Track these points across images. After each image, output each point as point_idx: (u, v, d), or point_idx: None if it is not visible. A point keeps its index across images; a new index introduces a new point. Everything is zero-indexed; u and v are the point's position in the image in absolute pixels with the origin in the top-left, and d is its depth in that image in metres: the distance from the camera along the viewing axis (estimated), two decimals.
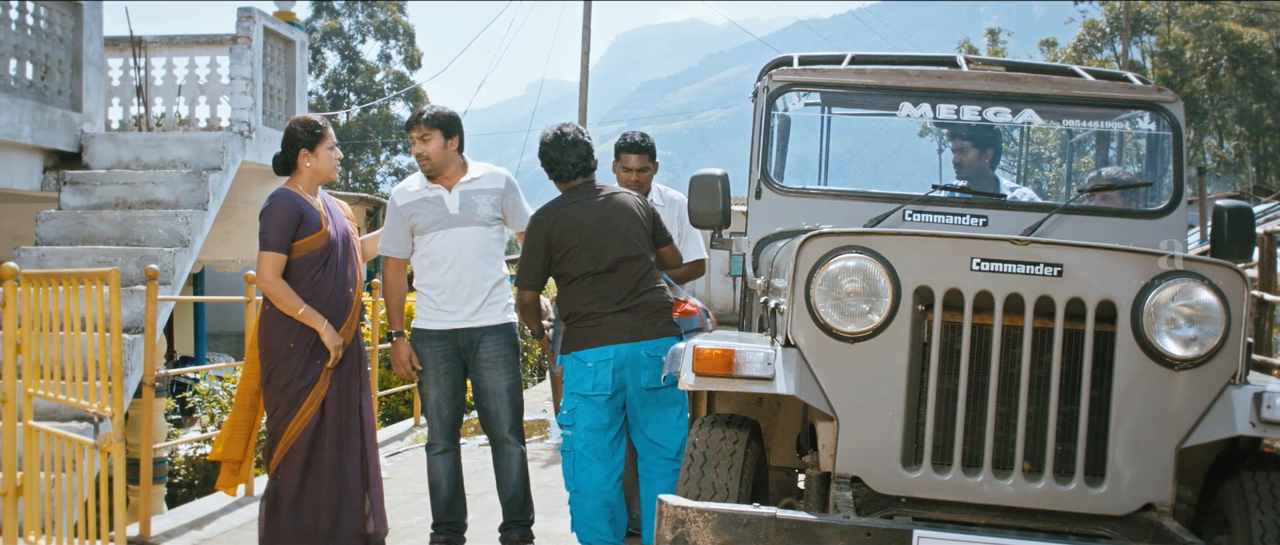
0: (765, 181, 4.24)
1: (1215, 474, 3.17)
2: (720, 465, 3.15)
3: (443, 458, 4.90)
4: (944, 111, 4.25)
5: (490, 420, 4.84)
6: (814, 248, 3.05)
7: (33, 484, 4.74)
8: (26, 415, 4.79)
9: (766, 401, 3.64)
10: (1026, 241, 2.97)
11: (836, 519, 2.78)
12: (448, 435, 4.89)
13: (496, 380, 4.79)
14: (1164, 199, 4.16)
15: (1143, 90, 4.26)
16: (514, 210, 4.89)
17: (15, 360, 4.75)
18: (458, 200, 4.80)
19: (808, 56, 4.73)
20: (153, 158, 9.82)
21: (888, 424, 2.98)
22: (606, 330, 4.29)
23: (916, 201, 4.12)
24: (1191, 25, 31.97)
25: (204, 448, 10.06)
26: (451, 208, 4.79)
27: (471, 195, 4.80)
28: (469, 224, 4.79)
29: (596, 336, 4.30)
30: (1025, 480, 2.96)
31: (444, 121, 4.78)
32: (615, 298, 4.31)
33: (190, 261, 9.06)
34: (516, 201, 4.90)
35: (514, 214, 4.89)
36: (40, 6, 9.33)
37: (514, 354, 4.86)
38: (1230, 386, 2.93)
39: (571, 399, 4.35)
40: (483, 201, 4.81)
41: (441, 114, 4.81)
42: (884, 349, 2.99)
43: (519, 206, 4.89)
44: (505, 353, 4.81)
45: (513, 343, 4.86)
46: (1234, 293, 2.92)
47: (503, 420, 4.82)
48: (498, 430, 4.84)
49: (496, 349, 4.79)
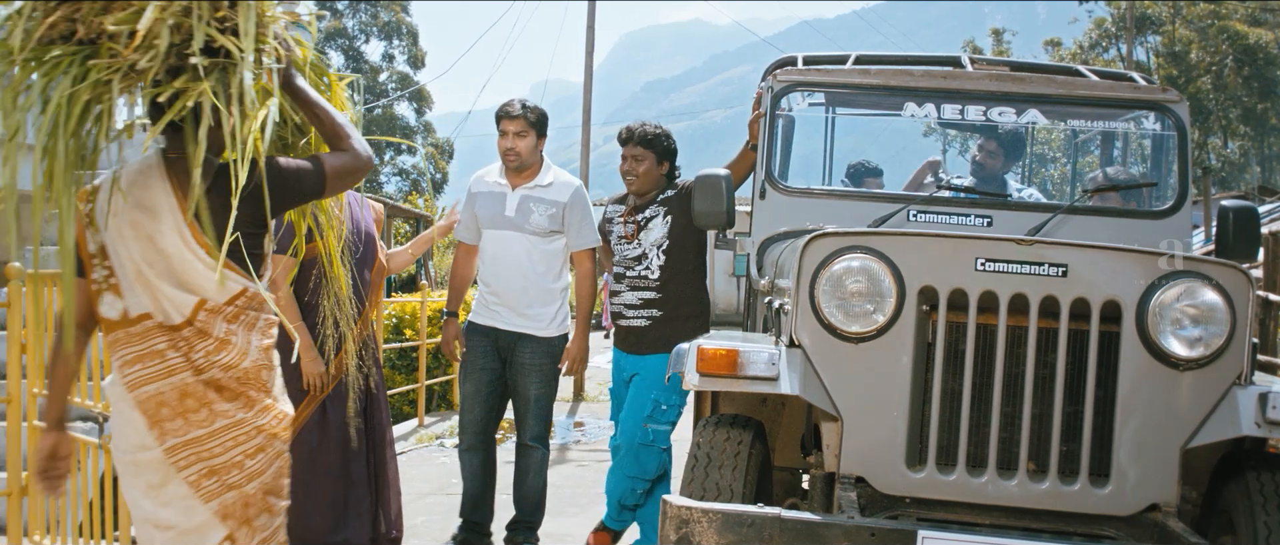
0: (770, 181, 4.24)
1: (1220, 475, 3.16)
2: (724, 465, 3.15)
3: (469, 455, 4.91)
4: (948, 112, 4.25)
5: (517, 422, 4.88)
6: (818, 248, 3.05)
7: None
8: (32, 415, 4.80)
9: (771, 402, 3.64)
10: (1031, 242, 2.97)
11: (841, 519, 2.78)
12: (475, 432, 4.88)
13: (526, 387, 4.79)
14: (1169, 199, 4.15)
15: (1147, 90, 4.26)
16: (571, 226, 4.77)
17: (21, 360, 4.77)
18: (516, 203, 4.75)
19: (812, 56, 4.72)
20: None
21: (892, 424, 2.98)
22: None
23: (921, 202, 4.11)
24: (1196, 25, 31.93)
25: None
26: (508, 209, 4.75)
27: (530, 202, 4.74)
28: (519, 230, 4.73)
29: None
30: (1030, 481, 2.95)
31: (539, 120, 4.75)
32: None
33: None
34: (576, 217, 4.77)
35: (571, 230, 4.78)
36: None
37: (550, 365, 4.81)
38: (1235, 387, 2.93)
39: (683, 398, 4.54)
40: (539, 211, 4.73)
41: (540, 112, 4.76)
42: (888, 349, 2.99)
43: (577, 223, 4.78)
44: (539, 362, 4.78)
45: (550, 354, 4.80)
46: (1239, 293, 2.92)
47: (527, 425, 4.84)
48: (521, 434, 4.87)
49: (531, 358, 4.77)
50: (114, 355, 2.65)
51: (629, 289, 4.80)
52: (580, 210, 4.79)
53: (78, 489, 4.69)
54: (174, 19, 2.38)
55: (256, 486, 2.69)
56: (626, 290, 4.81)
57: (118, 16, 2.36)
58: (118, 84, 2.41)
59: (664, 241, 4.71)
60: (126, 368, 2.63)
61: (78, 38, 2.40)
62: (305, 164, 2.73)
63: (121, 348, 2.64)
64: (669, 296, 4.69)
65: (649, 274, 4.74)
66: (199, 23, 2.37)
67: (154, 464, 2.63)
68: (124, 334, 2.63)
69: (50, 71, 2.42)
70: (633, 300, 4.79)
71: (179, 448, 2.61)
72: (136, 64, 2.38)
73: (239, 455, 2.67)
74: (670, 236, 4.71)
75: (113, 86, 2.42)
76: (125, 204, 2.61)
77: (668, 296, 4.70)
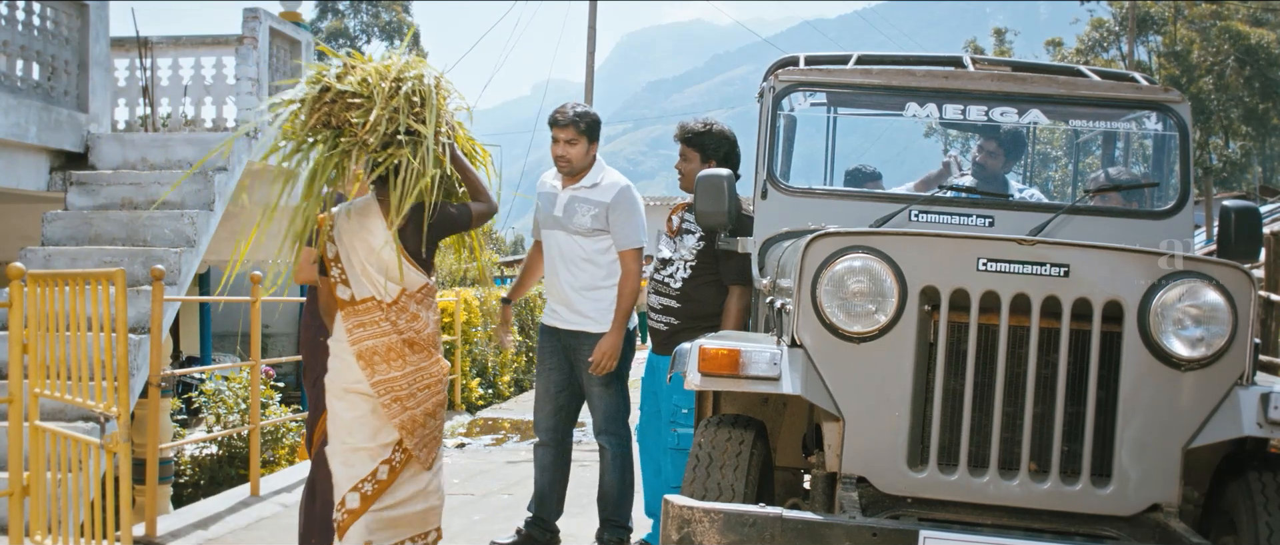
0: (771, 181, 4.23)
1: (1222, 475, 3.16)
2: (726, 465, 3.14)
3: (539, 451, 5.05)
4: (950, 112, 4.25)
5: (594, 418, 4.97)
6: (820, 248, 3.05)
7: (39, 484, 4.75)
8: (33, 415, 4.80)
9: (772, 402, 3.64)
10: (1033, 242, 2.97)
11: (842, 519, 2.78)
12: (544, 430, 5.00)
13: (590, 383, 4.89)
14: (1171, 199, 4.15)
15: (1149, 90, 4.25)
16: (614, 226, 4.79)
17: (22, 360, 4.77)
18: (565, 203, 4.82)
19: (814, 56, 4.72)
20: (159, 158, 9.84)
21: (894, 424, 2.98)
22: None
23: (923, 202, 4.11)
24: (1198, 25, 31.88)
25: (210, 448, 10.08)
26: (557, 209, 4.83)
27: (577, 202, 4.80)
28: (566, 229, 4.81)
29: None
30: (1031, 481, 2.95)
31: (590, 126, 4.79)
32: None
33: (196, 262, 9.07)
34: (619, 218, 4.78)
35: (614, 229, 4.79)
36: (46, 7, 9.36)
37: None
38: (1237, 387, 2.93)
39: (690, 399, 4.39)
40: (583, 211, 4.78)
41: (590, 118, 4.80)
42: (890, 349, 2.99)
43: (619, 223, 4.78)
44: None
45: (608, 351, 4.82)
46: (1241, 293, 2.92)
47: (595, 421, 4.94)
48: (596, 429, 4.94)
49: (589, 356, 4.82)
50: (345, 323, 3.90)
51: (654, 292, 4.83)
52: (623, 211, 4.79)
53: (78, 489, 4.69)
54: (389, 114, 3.72)
55: (422, 411, 3.91)
56: (652, 293, 4.84)
57: (356, 113, 3.72)
58: (355, 153, 3.77)
59: (692, 259, 4.71)
60: (353, 330, 3.88)
61: (330, 125, 3.78)
62: (460, 208, 4.05)
63: (349, 319, 3.90)
64: (686, 309, 4.69)
65: (671, 283, 4.74)
66: (403, 117, 3.75)
67: (364, 394, 3.85)
68: (351, 309, 3.91)
69: (314, 145, 3.83)
70: (655, 304, 4.82)
71: (380, 383, 3.84)
72: (366, 141, 3.70)
73: (416, 389, 3.90)
74: (698, 257, 4.69)
75: (351, 155, 3.79)
76: (352, 225, 3.90)
77: (685, 308, 4.69)
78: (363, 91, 3.76)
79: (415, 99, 3.81)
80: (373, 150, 3.74)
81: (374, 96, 3.74)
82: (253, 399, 6.75)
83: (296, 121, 3.83)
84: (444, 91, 3.95)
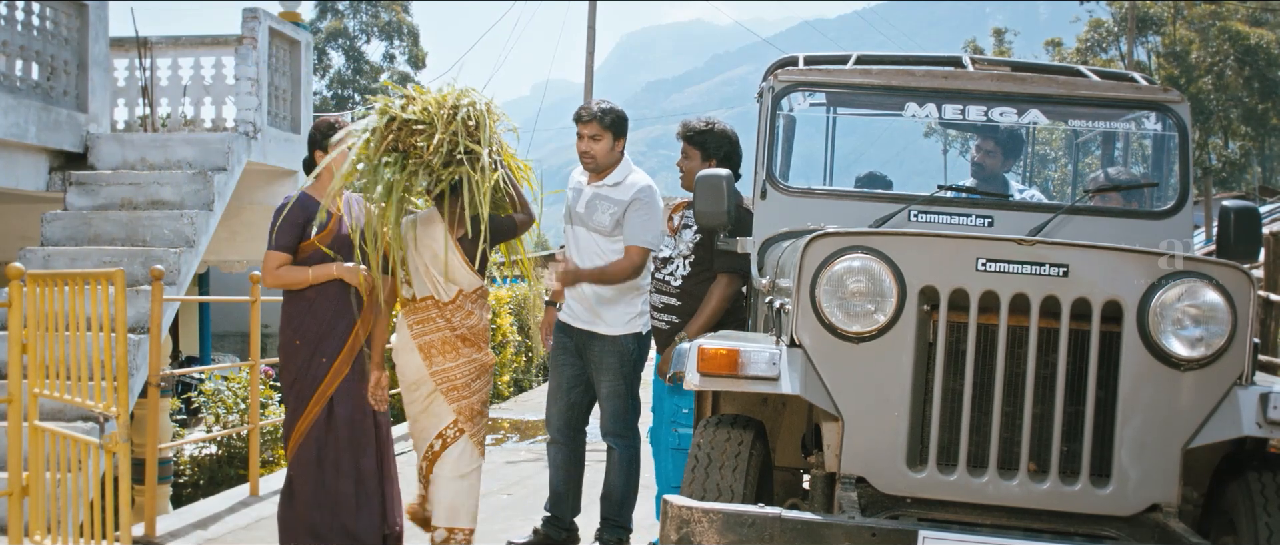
0: (771, 181, 4.23)
1: (1221, 475, 3.16)
2: (725, 466, 3.15)
3: (551, 449, 5.06)
4: (950, 112, 4.25)
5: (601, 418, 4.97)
6: (819, 248, 3.05)
7: (38, 484, 4.75)
8: (32, 415, 4.80)
9: (771, 402, 3.64)
10: (1032, 242, 2.97)
11: (841, 519, 2.78)
12: (556, 428, 5.01)
13: (599, 384, 4.89)
14: (1170, 199, 4.15)
15: (1149, 90, 4.25)
16: (627, 223, 4.74)
17: (21, 360, 4.77)
18: (588, 199, 4.81)
19: (813, 56, 4.72)
20: (158, 158, 9.84)
21: (893, 424, 2.98)
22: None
23: (922, 202, 4.11)
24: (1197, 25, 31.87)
25: (209, 448, 10.08)
26: (579, 205, 4.84)
27: (598, 199, 4.79)
28: (587, 226, 4.81)
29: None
30: (1031, 481, 2.95)
31: (616, 122, 4.77)
32: None
33: (195, 262, 9.07)
34: (633, 215, 4.73)
35: (626, 225, 4.75)
36: (46, 7, 9.35)
37: (617, 363, 4.83)
38: (1237, 387, 2.93)
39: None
40: (603, 209, 4.77)
41: (616, 113, 4.79)
42: (889, 349, 2.99)
43: (632, 220, 4.73)
44: (609, 362, 4.83)
45: (619, 353, 4.83)
46: (1240, 293, 2.92)
47: (604, 422, 4.93)
48: (603, 429, 4.94)
49: (600, 356, 4.83)
50: (407, 320, 4.48)
51: (655, 291, 4.83)
52: (639, 210, 4.75)
53: (78, 489, 4.69)
54: (449, 136, 4.25)
55: (477, 398, 4.50)
56: (654, 291, 4.84)
57: (421, 138, 4.26)
58: (421, 173, 4.32)
59: (690, 254, 4.70)
60: (414, 326, 4.46)
61: (400, 149, 4.30)
62: (508, 219, 4.56)
63: (410, 316, 4.47)
64: (686, 307, 4.68)
65: (671, 281, 4.74)
66: (462, 139, 4.28)
67: (424, 383, 4.45)
68: (412, 307, 4.48)
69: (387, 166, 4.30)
70: (656, 303, 4.81)
71: (438, 373, 4.43)
72: (431, 163, 4.25)
73: (470, 379, 4.47)
74: (695, 252, 4.69)
75: (418, 174, 4.32)
76: (417, 233, 4.46)
77: (685, 306, 4.68)
78: (424, 118, 4.27)
79: (470, 122, 4.32)
80: (436, 169, 4.26)
81: (434, 122, 4.26)
82: (252, 399, 6.75)
83: (369, 148, 4.31)
84: (494, 115, 4.43)
